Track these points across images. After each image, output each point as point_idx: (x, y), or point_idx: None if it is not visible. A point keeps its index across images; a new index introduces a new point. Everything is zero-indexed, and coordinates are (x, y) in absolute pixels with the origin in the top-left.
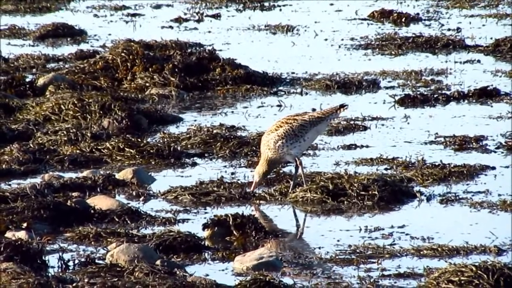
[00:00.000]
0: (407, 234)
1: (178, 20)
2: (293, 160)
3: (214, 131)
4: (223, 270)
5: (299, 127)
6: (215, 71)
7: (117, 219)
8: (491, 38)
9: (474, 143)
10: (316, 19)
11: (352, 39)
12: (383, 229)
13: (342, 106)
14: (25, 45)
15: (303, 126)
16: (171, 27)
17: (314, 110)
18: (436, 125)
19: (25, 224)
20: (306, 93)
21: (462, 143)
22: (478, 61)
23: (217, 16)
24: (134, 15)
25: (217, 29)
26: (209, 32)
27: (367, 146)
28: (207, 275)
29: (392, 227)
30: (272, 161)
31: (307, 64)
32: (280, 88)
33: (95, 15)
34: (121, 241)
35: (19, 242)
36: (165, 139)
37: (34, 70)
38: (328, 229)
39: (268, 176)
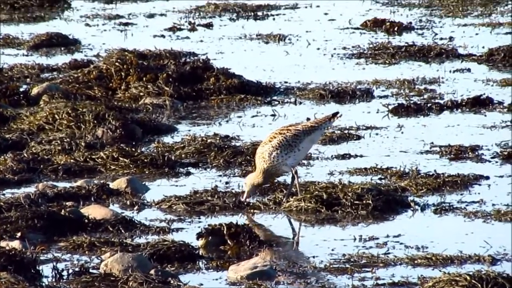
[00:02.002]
0: (401, 244)
1: (172, 29)
2: (289, 170)
3: (208, 140)
4: (217, 279)
5: (293, 137)
6: (209, 81)
7: (111, 229)
8: (483, 47)
9: (469, 153)
10: (309, 29)
11: (344, 48)
12: (377, 238)
13: (335, 114)
14: (19, 54)
15: (297, 136)
16: (162, 36)
17: (308, 119)
18: (430, 135)
19: (19, 234)
20: (300, 103)
21: (458, 153)
22: (469, 69)
23: (209, 25)
24: (126, 24)
25: (209, 38)
26: (201, 41)
27: (361, 156)
28: (201, 284)
29: (387, 236)
30: (268, 172)
31: (300, 73)
32: (274, 97)
33: (88, 25)
34: (115, 251)
35: (13, 252)
36: (159, 149)
37: (28, 79)
38: (322, 238)
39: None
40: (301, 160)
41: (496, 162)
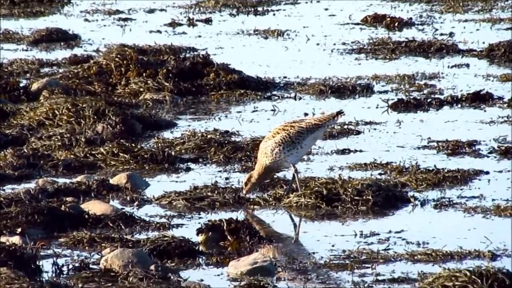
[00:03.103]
0: (401, 239)
1: (172, 24)
2: (289, 166)
3: (208, 136)
4: (217, 275)
5: (296, 134)
6: (209, 76)
7: (111, 224)
8: (483, 43)
9: (466, 148)
10: (308, 24)
11: (344, 43)
12: (377, 234)
13: (340, 112)
14: (19, 49)
15: (301, 133)
16: (159, 31)
17: (306, 114)
18: (429, 130)
19: (19, 229)
20: (300, 98)
21: (455, 148)
22: (468, 65)
23: (208, 21)
24: (126, 19)
25: (207, 34)
26: (199, 36)
27: (360, 151)
28: (202, 280)
29: (388, 232)
30: (269, 168)
31: (300, 69)
32: (274, 92)
33: (88, 20)
34: (115, 246)
35: (13, 247)
36: (159, 144)
37: (28, 75)
38: (322, 234)
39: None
40: (302, 157)
41: (494, 157)
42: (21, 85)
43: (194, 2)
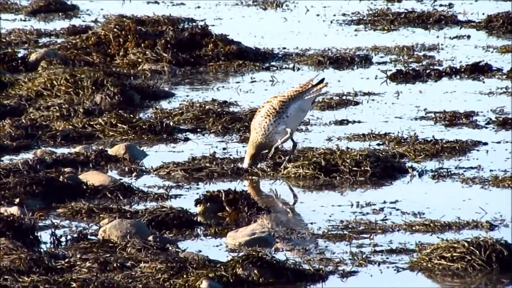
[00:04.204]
0: (398, 210)
1: None
2: (283, 136)
3: (207, 106)
4: (215, 246)
5: (279, 103)
6: (207, 47)
7: (109, 195)
8: (483, 14)
9: (464, 119)
10: None
11: (344, 14)
12: (375, 204)
13: (322, 81)
14: (17, 19)
15: (283, 102)
16: (157, 2)
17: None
18: (427, 101)
19: (17, 200)
20: (298, 69)
21: (453, 119)
22: (469, 36)
23: None
24: None
25: (206, 5)
26: (198, 7)
27: (359, 122)
28: (200, 251)
29: (384, 202)
30: (262, 144)
31: (299, 40)
32: (272, 63)
33: None
34: (113, 217)
35: (11, 218)
36: (158, 115)
37: (26, 45)
38: (320, 205)
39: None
40: (294, 128)
41: (492, 128)
42: (19, 55)
43: None
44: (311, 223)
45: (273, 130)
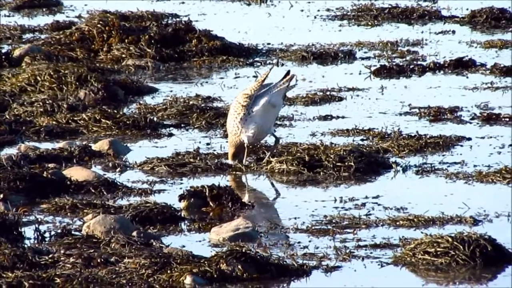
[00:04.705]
0: (380, 205)
1: None
2: (248, 138)
3: (190, 102)
4: (199, 241)
5: (243, 97)
6: (191, 43)
7: (93, 190)
8: (467, 9)
9: (448, 114)
10: None
11: (328, 10)
12: (358, 199)
13: (287, 73)
14: (1, 15)
15: (247, 95)
16: None
17: (255, 78)
18: (411, 96)
19: (1, 196)
20: (282, 64)
21: (437, 114)
22: (453, 31)
23: None
24: None
25: (191, 1)
26: (183, 3)
27: (343, 117)
28: (184, 246)
29: (367, 197)
30: (238, 143)
31: (283, 35)
32: (256, 59)
33: None
34: (97, 212)
35: None
36: (141, 110)
37: (10, 41)
38: (304, 200)
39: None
40: (267, 125)
41: (477, 123)
42: (3, 51)
43: None
44: (295, 218)
45: (242, 127)
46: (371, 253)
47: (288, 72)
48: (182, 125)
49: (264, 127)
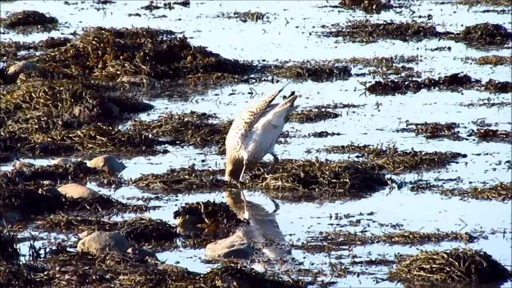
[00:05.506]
0: (372, 221)
1: (149, 7)
2: (250, 154)
3: (185, 119)
4: (194, 257)
5: (247, 114)
6: (186, 59)
7: (88, 207)
8: (462, 25)
9: (445, 131)
10: (287, 7)
11: (323, 26)
12: (353, 216)
13: (292, 94)
14: None
15: (252, 113)
16: (138, 14)
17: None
18: (407, 113)
19: None
20: (277, 81)
21: (434, 131)
22: (449, 48)
23: (185, 4)
24: (105, 2)
25: (187, 17)
26: (179, 19)
27: (338, 134)
28: (178, 262)
29: (362, 214)
30: (237, 159)
31: (278, 52)
32: (251, 75)
33: (67, 3)
34: (92, 229)
35: None
36: (136, 127)
37: (4, 58)
38: (299, 216)
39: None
40: (267, 145)
41: (473, 140)
42: None
43: None
44: (290, 235)
45: (242, 143)
46: (366, 269)
47: (293, 93)
48: (177, 142)
49: (263, 146)
